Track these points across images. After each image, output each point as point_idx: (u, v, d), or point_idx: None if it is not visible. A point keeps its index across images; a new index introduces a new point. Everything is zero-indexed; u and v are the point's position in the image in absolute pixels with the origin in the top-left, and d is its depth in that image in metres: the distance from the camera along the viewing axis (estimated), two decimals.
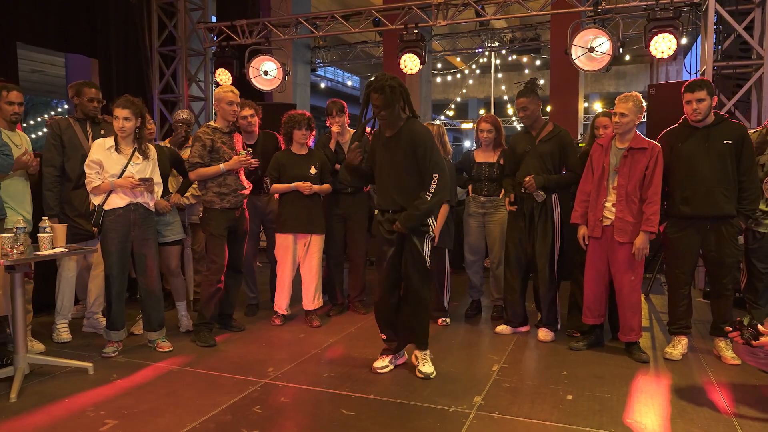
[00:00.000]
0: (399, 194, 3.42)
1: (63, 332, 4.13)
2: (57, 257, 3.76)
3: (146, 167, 3.81)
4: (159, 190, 3.90)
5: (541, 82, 4.51)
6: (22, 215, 3.74)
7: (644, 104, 3.73)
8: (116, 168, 3.70)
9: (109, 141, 3.75)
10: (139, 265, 3.87)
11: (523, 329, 4.36)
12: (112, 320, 3.83)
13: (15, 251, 3.14)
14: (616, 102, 3.76)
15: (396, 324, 3.58)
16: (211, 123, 4.23)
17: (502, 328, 4.35)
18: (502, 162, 4.54)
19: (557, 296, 4.21)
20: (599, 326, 4.00)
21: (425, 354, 3.55)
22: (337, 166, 4.68)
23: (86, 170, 3.72)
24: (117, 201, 3.72)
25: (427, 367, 3.48)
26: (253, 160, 4.14)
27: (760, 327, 2.99)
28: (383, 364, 3.57)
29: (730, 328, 3.05)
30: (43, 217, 3.49)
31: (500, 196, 4.57)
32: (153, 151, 3.89)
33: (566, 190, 4.17)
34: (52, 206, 4.00)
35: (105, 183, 3.69)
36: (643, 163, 3.68)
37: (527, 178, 4.04)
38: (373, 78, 3.36)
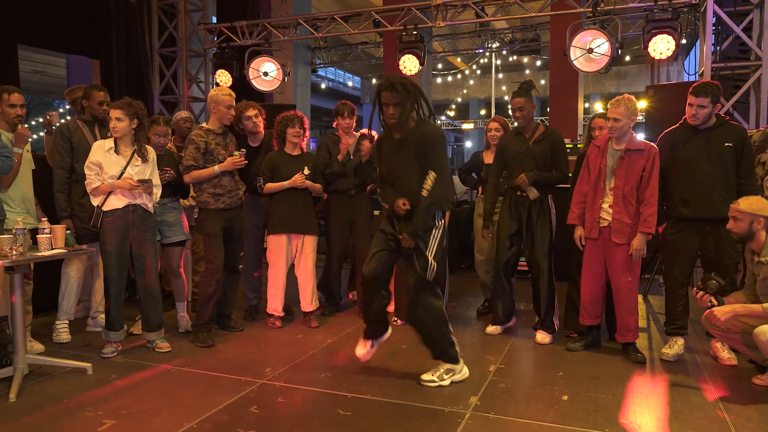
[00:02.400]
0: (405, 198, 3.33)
1: (63, 333, 4.15)
2: (55, 258, 3.77)
3: (145, 169, 3.83)
4: (158, 192, 3.91)
5: (543, 82, 4.56)
6: (23, 216, 3.76)
7: (637, 107, 3.72)
8: (115, 169, 3.72)
9: (109, 142, 3.77)
10: (137, 266, 3.90)
11: (510, 323, 4.40)
12: (110, 321, 3.85)
13: (14, 252, 3.16)
14: (609, 106, 3.76)
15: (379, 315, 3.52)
16: (204, 125, 4.23)
17: (492, 329, 4.36)
18: None
19: (555, 298, 4.22)
20: (596, 327, 4.02)
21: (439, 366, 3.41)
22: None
23: (86, 171, 3.74)
24: (116, 202, 3.75)
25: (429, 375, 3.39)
26: (244, 161, 4.16)
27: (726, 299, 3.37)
28: (364, 350, 3.52)
29: (697, 289, 3.43)
30: (43, 219, 3.51)
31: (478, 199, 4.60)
32: (152, 153, 3.91)
33: (562, 194, 4.19)
34: (65, 207, 4.05)
35: (104, 184, 3.71)
36: (640, 165, 3.69)
37: (520, 176, 4.06)
38: (384, 79, 3.30)
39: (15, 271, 3.29)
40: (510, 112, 4.32)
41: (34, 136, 3.88)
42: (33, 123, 19.08)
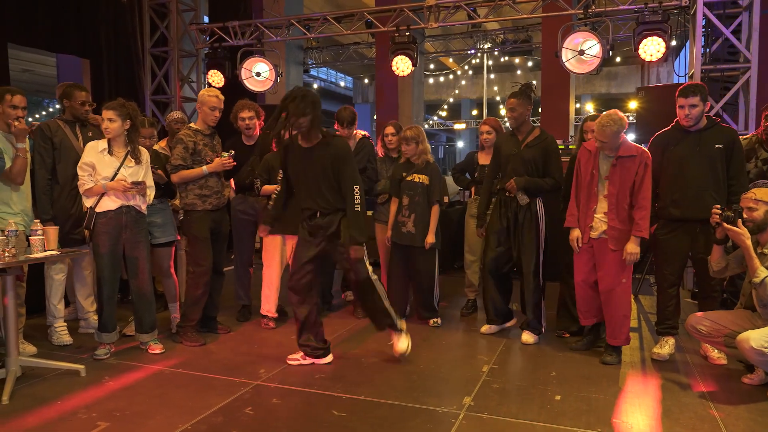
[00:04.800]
0: (318, 199, 3.58)
1: (64, 335, 4.12)
2: (48, 260, 3.75)
3: (139, 170, 3.82)
4: (151, 193, 3.90)
5: (534, 83, 4.54)
6: (20, 216, 3.73)
7: (622, 117, 3.61)
8: (109, 170, 3.71)
9: (102, 143, 3.76)
10: (130, 267, 3.88)
11: (509, 324, 4.39)
12: (103, 322, 3.83)
13: (6, 254, 3.15)
14: (595, 127, 3.66)
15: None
16: (192, 125, 4.22)
17: (486, 328, 4.37)
18: None
19: (543, 300, 4.22)
20: (597, 325, 3.98)
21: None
22: None
23: (79, 172, 3.72)
24: (109, 203, 3.73)
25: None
26: (232, 162, 4.16)
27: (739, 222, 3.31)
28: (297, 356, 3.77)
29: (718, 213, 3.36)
30: (35, 220, 3.48)
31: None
32: (146, 155, 3.90)
33: (553, 194, 4.19)
34: (48, 210, 3.98)
35: (97, 185, 3.70)
36: (633, 170, 3.64)
37: (510, 181, 4.06)
38: (291, 90, 3.53)
39: (7, 273, 3.28)
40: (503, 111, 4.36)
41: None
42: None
